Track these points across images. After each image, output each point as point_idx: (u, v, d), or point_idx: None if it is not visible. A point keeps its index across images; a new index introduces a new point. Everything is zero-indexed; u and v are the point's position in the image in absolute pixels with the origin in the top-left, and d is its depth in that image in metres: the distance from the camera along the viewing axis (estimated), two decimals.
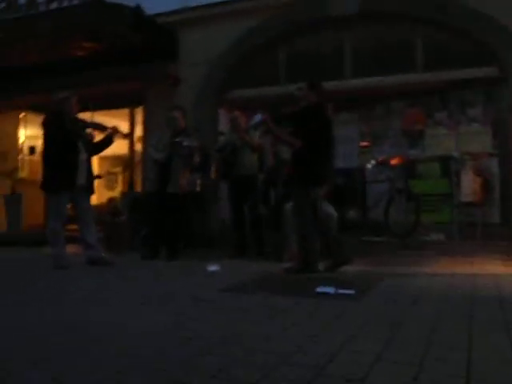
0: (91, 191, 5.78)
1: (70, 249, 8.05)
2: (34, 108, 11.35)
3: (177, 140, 6.19)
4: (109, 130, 5.98)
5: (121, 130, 6.32)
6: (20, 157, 11.40)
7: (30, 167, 11.55)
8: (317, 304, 3.26)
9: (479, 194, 7.33)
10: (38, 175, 11.39)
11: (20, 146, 11.47)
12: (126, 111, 9.93)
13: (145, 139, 9.20)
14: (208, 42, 8.48)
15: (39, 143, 11.70)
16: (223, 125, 8.13)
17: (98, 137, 5.99)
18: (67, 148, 5.36)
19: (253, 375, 1.89)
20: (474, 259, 5.72)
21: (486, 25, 7.16)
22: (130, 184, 9.73)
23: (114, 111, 9.79)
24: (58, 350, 2.26)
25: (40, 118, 11.46)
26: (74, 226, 11.43)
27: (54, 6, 8.81)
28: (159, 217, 6.28)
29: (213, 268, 4.98)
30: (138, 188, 9.44)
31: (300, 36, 8.32)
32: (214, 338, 2.43)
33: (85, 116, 6.79)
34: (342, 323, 2.75)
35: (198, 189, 7.06)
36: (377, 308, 3.15)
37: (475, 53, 7.38)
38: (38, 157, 11.63)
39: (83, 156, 5.53)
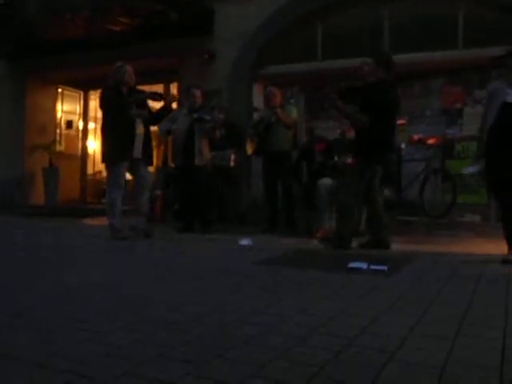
0: (149, 162, 5.78)
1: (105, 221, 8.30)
2: (71, 83, 11.55)
3: (196, 115, 6.21)
4: (167, 98, 6.02)
5: (177, 97, 6.36)
6: (57, 131, 11.63)
7: (67, 141, 11.80)
8: (349, 278, 3.26)
9: None
10: (75, 149, 11.79)
11: (58, 121, 11.69)
12: (161, 86, 9.97)
13: None
14: (243, 17, 8.41)
15: (76, 118, 11.98)
16: (258, 101, 8.08)
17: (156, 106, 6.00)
18: (122, 121, 5.35)
19: (286, 342, 1.91)
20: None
21: None
22: (164, 159, 9.80)
23: (149, 86, 9.85)
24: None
25: (76, 93, 11.83)
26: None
27: None
28: (189, 190, 6.34)
29: (245, 242, 5.01)
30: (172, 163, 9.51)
31: (337, 11, 8.15)
32: (247, 308, 2.46)
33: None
34: (373, 297, 2.74)
35: (232, 164, 7.10)
36: (409, 284, 3.12)
37: None
38: (74, 131, 11.89)
39: (139, 129, 5.50)
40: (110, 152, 5.45)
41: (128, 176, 5.82)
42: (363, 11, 8.01)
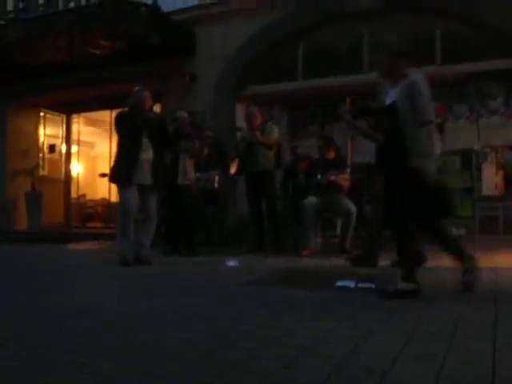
0: (159, 188, 5.61)
1: (91, 245, 8.21)
2: (53, 106, 11.50)
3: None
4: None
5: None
6: (40, 155, 11.54)
7: (50, 165, 11.71)
8: (336, 297, 3.24)
9: (501, 187, 7.22)
10: (58, 173, 11.70)
11: (40, 145, 11.60)
12: None
13: None
14: (225, 38, 8.48)
15: (58, 141, 11.90)
16: (241, 120, 8.11)
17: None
18: (131, 145, 5.31)
19: (274, 365, 1.88)
20: (495, 253, 5.63)
21: (506, 16, 7.01)
22: None
23: None
24: None
25: (59, 117, 11.78)
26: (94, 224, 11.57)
27: (71, 4, 8.86)
28: (174, 211, 6.30)
29: (231, 263, 4.98)
30: None
31: (317, 31, 8.25)
32: (235, 331, 2.42)
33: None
34: (362, 316, 2.72)
35: (216, 185, 7.08)
36: (396, 301, 3.11)
37: (495, 44, 7.24)
38: (57, 155, 11.80)
39: (146, 153, 5.37)
40: (116, 174, 5.46)
41: None
42: (343, 30, 8.12)
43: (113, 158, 5.79)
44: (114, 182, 5.64)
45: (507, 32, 7.04)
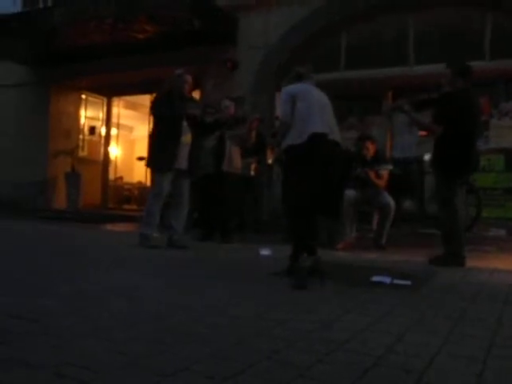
0: (192, 174, 5.60)
1: (127, 227, 8.33)
2: (95, 89, 11.68)
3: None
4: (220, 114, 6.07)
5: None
6: (81, 136, 11.75)
7: (90, 147, 11.93)
8: (371, 292, 3.18)
9: None
10: (97, 155, 11.90)
11: (81, 127, 11.82)
12: None
13: None
14: (267, 26, 8.42)
15: (99, 124, 12.10)
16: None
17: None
18: (171, 129, 5.26)
19: (308, 359, 1.85)
20: None
21: None
22: None
23: None
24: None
25: (100, 100, 11.95)
26: (130, 206, 11.75)
27: None
28: (212, 197, 6.30)
29: (265, 252, 4.96)
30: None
31: (362, 21, 8.11)
32: (268, 320, 2.40)
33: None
34: (398, 313, 2.66)
35: (252, 173, 7.06)
36: (434, 301, 3.03)
37: None
38: (97, 137, 12.01)
39: (186, 137, 5.38)
40: (154, 158, 5.39)
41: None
42: (388, 21, 7.94)
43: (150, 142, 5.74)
44: (151, 167, 5.53)
45: None
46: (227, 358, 1.86)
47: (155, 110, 5.51)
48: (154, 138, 5.49)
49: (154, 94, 5.94)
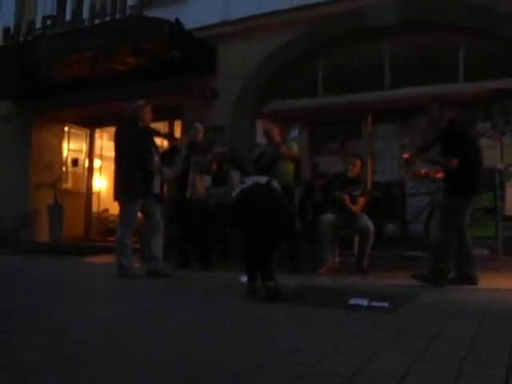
0: (162, 201, 5.68)
1: (110, 258, 8.23)
2: (77, 121, 11.69)
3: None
4: (178, 140, 6.15)
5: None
6: (64, 168, 11.71)
7: (73, 179, 11.87)
8: (348, 316, 3.16)
9: None
10: (81, 187, 11.83)
11: (64, 158, 11.78)
12: (165, 124, 10.05)
13: None
14: (246, 55, 8.52)
15: (82, 156, 12.07)
16: (260, 137, 8.10)
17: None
18: (143, 156, 5.31)
19: (278, 382, 1.82)
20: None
21: None
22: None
23: (153, 124, 9.93)
24: None
25: (83, 132, 11.96)
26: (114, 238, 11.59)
27: (97, 21, 9.03)
28: (185, 225, 6.29)
29: (245, 278, 4.90)
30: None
31: (338, 47, 8.24)
32: (239, 346, 2.37)
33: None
34: (372, 335, 2.64)
35: None
36: (410, 321, 3.02)
37: None
38: (80, 169, 11.96)
39: (157, 165, 5.48)
40: (125, 188, 5.33)
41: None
42: (364, 47, 8.08)
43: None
44: (118, 198, 5.44)
45: None
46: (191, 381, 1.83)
47: (121, 137, 5.51)
48: (123, 168, 5.44)
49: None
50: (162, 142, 6.00)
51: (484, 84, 7.22)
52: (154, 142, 5.66)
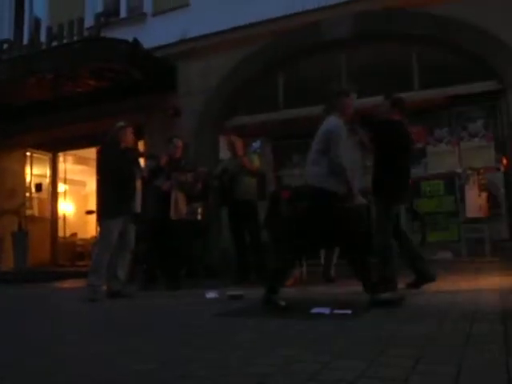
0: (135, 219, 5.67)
1: (77, 283, 8.08)
2: (39, 146, 11.50)
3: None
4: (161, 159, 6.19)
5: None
6: (27, 194, 11.48)
7: (38, 204, 11.63)
8: (310, 324, 3.16)
9: (485, 208, 7.18)
10: (46, 212, 11.61)
11: (27, 184, 11.56)
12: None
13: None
14: (206, 71, 8.57)
15: (45, 181, 11.86)
16: (224, 152, 8.12)
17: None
18: (123, 176, 5.36)
19: None
20: (481, 276, 5.57)
21: (484, 39, 7.09)
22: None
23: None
24: None
25: (45, 156, 11.77)
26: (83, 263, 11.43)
27: (54, 43, 8.96)
28: (158, 245, 6.23)
29: (211, 295, 4.89)
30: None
31: (297, 60, 8.35)
32: (197, 361, 2.35)
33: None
34: (328, 342, 2.64)
35: (199, 217, 7.01)
36: (372, 326, 3.04)
37: (473, 68, 7.32)
38: (45, 194, 11.74)
39: (138, 184, 5.57)
40: (110, 206, 5.39)
41: None
42: (321, 60, 8.21)
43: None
44: (107, 215, 5.43)
45: (483, 55, 7.13)
46: None
47: (103, 166, 5.57)
48: (103, 190, 5.56)
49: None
50: (144, 162, 5.97)
51: (439, 91, 7.40)
52: (137, 162, 5.73)
